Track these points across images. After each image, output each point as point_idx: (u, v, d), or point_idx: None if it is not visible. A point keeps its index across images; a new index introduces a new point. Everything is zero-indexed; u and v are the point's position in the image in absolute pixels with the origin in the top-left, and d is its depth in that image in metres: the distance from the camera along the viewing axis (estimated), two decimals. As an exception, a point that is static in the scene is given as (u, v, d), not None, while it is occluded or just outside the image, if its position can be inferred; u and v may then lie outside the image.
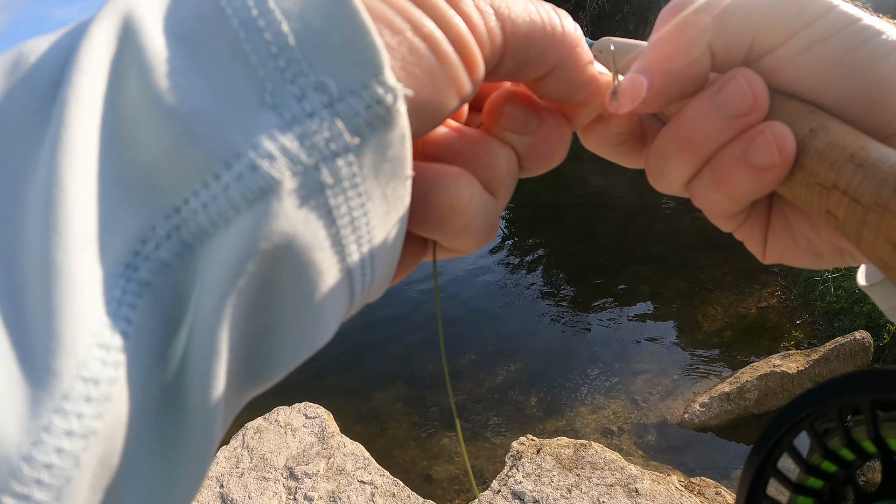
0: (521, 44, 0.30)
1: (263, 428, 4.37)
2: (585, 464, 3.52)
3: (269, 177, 0.21)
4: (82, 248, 0.19)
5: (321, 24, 0.22)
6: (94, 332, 0.19)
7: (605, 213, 10.15)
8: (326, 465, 3.88)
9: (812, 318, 5.51)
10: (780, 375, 4.26)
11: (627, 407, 4.65)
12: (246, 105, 0.21)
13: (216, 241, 0.21)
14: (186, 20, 0.22)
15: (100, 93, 0.21)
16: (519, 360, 5.59)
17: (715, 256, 7.28)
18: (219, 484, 3.88)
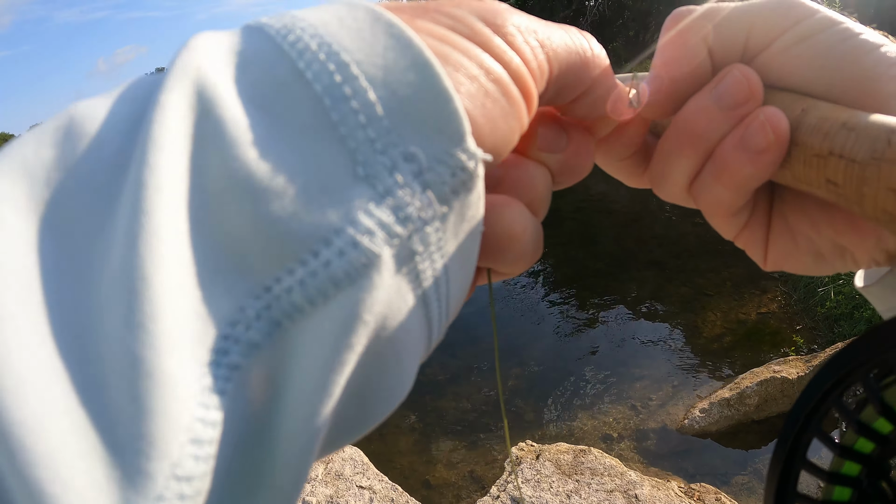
0: (563, 72, 0.31)
1: None
2: (585, 469, 3.51)
3: (371, 252, 0.20)
4: (172, 345, 0.18)
5: (407, 91, 0.22)
6: (186, 428, 0.18)
7: (605, 218, 10.15)
8: (325, 470, 3.86)
9: (812, 324, 5.50)
10: (780, 381, 4.25)
11: (627, 413, 4.64)
12: (340, 178, 0.21)
13: (313, 318, 0.20)
14: (260, 85, 0.22)
15: (182, 174, 0.20)
16: (518, 365, 5.58)
17: (715, 262, 7.27)
18: None
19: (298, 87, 0.21)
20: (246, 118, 0.20)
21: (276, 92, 0.21)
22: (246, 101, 0.21)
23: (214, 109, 0.20)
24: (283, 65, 0.22)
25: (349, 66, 0.21)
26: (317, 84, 0.21)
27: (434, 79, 0.22)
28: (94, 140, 0.20)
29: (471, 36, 0.26)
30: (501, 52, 0.27)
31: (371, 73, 0.22)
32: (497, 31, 0.27)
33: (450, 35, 0.26)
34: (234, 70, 0.22)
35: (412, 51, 0.22)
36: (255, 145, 0.20)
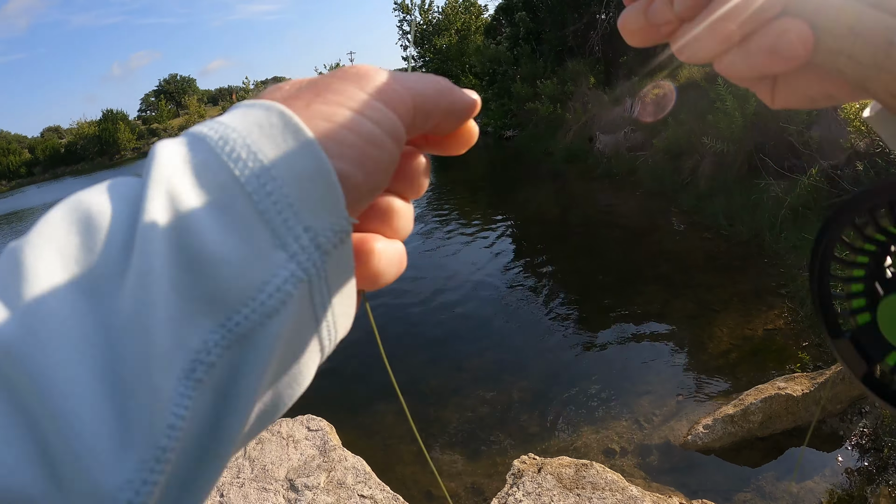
0: (425, 109, 0.41)
1: (265, 439, 4.41)
2: (586, 484, 3.50)
3: (288, 292, 0.32)
4: (164, 366, 0.29)
5: (307, 184, 0.33)
6: (167, 417, 0.28)
7: (612, 231, 10.13)
8: (327, 478, 3.87)
9: (818, 341, 5.46)
10: (785, 398, 4.23)
11: (630, 427, 4.63)
12: (265, 248, 0.32)
13: (253, 341, 0.31)
14: (210, 189, 0.32)
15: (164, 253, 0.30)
16: (523, 378, 5.58)
17: (722, 277, 7.26)
18: (219, 493, 3.91)
19: (235, 189, 0.32)
20: (203, 213, 0.31)
21: (220, 192, 0.32)
22: (201, 201, 0.32)
23: (182, 209, 0.31)
24: (223, 172, 0.32)
25: (269, 169, 0.32)
26: (248, 186, 0.32)
27: (325, 171, 0.33)
28: (107, 233, 0.32)
29: (354, 106, 0.37)
30: (378, 113, 0.37)
31: (283, 173, 0.33)
32: (374, 93, 0.38)
33: (338, 113, 0.36)
34: (191, 178, 0.32)
35: (311, 149, 0.33)
36: (212, 231, 0.31)
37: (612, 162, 15.06)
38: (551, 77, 23.36)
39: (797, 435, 4.31)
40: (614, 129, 16.28)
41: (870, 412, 4.39)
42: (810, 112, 9.11)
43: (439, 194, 16.01)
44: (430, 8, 51.58)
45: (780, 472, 4.03)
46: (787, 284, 6.65)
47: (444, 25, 48.51)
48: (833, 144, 8.62)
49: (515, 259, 9.34)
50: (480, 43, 32.97)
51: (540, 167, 18.42)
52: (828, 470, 4.03)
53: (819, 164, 8.39)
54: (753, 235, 8.51)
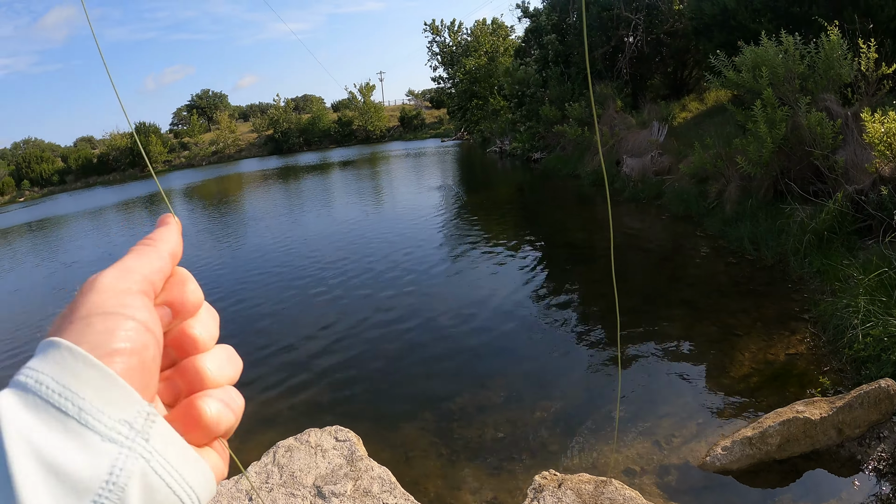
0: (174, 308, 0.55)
1: (294, 447, 4.54)
2: (605, 500, 3.61)
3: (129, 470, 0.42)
4: None
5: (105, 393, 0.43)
6: None
7: (638, 255, 10.20)
8: (353, 487, 4.02)
9: (840, 366, 5.52)
10: (803, 421, 4.30)
11: (651, 448, 4.72)
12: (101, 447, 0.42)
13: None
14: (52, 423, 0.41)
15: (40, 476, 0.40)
16: (545, 397, 5.69)
17: (746, 302, 7.32)
18: (248, 497, 4.05)
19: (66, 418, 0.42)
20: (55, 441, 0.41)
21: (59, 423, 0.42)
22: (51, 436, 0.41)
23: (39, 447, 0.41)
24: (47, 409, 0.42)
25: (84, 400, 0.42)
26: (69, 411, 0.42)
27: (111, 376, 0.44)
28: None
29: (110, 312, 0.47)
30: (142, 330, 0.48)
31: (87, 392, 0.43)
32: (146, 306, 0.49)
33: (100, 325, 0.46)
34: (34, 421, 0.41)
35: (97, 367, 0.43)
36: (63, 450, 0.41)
37: (639, 185, 15.15)
38: (579, 100, 23.47)
39: (815, 459, 4.36)
40: (641, 153, 16.35)
41: (888, 437, 4.44)
42: (836, 136, 9.15)
43: (468, 215, 16.18)
44: (460, 29, 52.13)
45: (797, 495, 4.08)
46: (810, 309, 6.70)
47: (473, 47, 48.90)
48: (858, 169, 8.65)
49: (540, 281, 9.45)
50: (509, 65, 33.04)
51: (567, 190, 18.52)
52: (844, 493, 4.07)
53: (844, 189, 8.43)
54: (778, 260, 8.56)
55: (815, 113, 9.42)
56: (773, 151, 9.90)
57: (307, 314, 9.11)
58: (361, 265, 11.61)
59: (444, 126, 65.71)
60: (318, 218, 18.57)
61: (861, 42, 10.00)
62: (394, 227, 15.48)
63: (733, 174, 11.17)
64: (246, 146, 74.73)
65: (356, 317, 8.60)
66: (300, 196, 25.45)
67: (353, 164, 41.02)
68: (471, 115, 46.27)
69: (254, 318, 9.17)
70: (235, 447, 5.32)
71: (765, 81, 10.59)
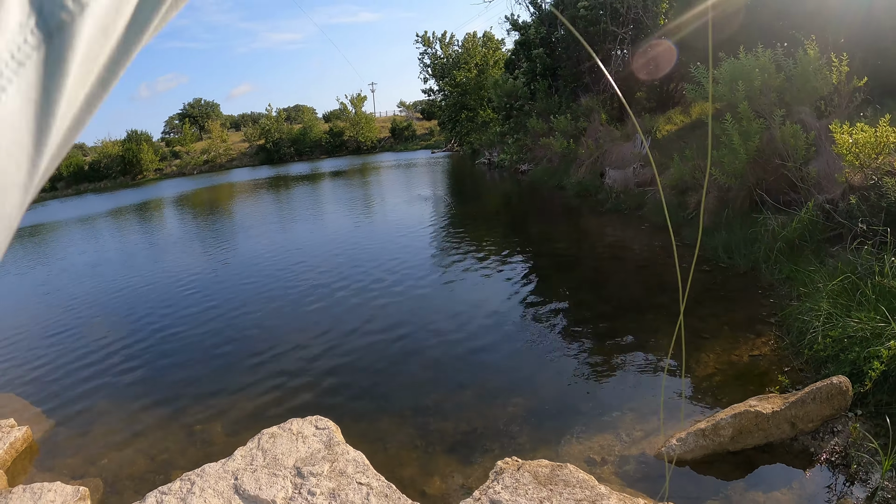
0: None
1: (277, 434, 4.89)
2: (559, 481, 3.84)
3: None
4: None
5: None
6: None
7: (616, 264, 10.46)
8: (330, 468, 4.31)
9: (800, 366, 5.75)
10: (755, 415, 4.52)
11: (612, 441, 4.94)
12: None
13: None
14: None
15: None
16: (519, 395, 5.91)
17: (716, 307, 7.56)
18: (234, 477, 4.36)
19: None
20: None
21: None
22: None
23: None
24: None
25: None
26: None
27: None
28: None
29: None
30: None
31: None
32: None
33: None
34: None
35: None
36: None
37: (622, 197, 15.44)
38: (565, 113, 23.79)
39: (769, 451, 4.59)
40: (624, 165, 16.64)
41: (841, 431, 4.66)
42: (809, 148, 9.43)
43: (457, 226, 16.43)
44: (451, 42, 52.54)
45: (750, 484, 4.30)
46: (776, 313, 6.95)
47: (463, 59, 49.28)
48: (829, 179, 8.93)
49: (522, 289, 9.67)
50: (498, 77, 33.38)
51: (553, 201, 18.79)
52: (796, 483, 4.29)
53: (815, 199, 8.70)
54: (751, 268, 8.82)
55: (789, 125, 9.69)
56: (747, 163, 10.18)
57: (297, 321, 9.30)
58: (351, 273, 11.83)
59: (435, 137, 66.02)
60: (309, 228, 18.78)
61: (833, 56, 10.32)
62: (383, 236, 15.73)
63: (711, 185, 11.45)
64: (237, 155, 74.64)
65: (344, 323, 8.83)
66: (291, 206, 25.61)
67: (345, 174, 41.22)
68: (461, 126, 46.58)
69: (246, 325, 9.35)
70: (226, 436, 5.57)
71: (741, 94, 10.89)
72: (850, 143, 7.79)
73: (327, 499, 4.02)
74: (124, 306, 11.44)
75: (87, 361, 8.45)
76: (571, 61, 25.28)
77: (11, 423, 6.12)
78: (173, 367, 7.83)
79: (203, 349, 8.38)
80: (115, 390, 7.29)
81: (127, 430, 6.18)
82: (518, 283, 9.95)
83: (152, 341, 9.00)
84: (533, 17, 29.24)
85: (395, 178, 34.50)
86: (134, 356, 8.43)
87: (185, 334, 9.13)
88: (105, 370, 8.00)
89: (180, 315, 10.24)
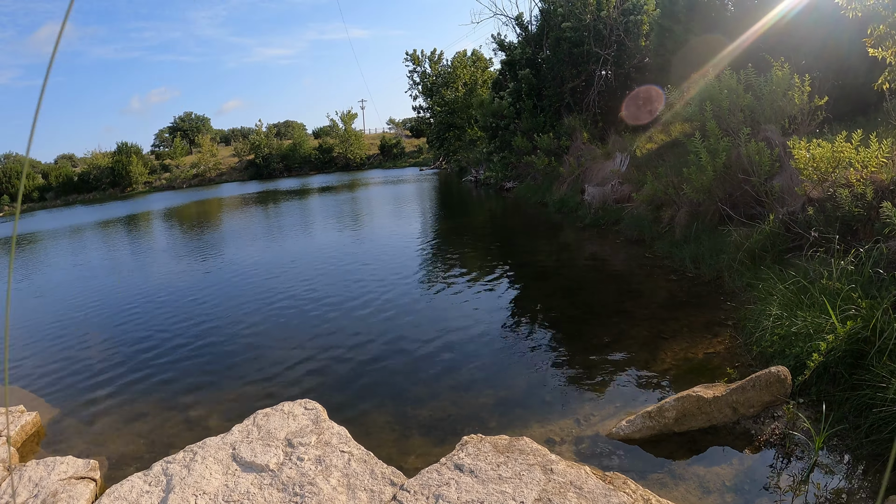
0: None
1: (271, 414, 5.50)
2: (515, 450, 4.36)
3: None
4: None
5: None
6: None
7: (590, 274, 10.97)
8: (317, 439, 4.90)
9: (749, 361, 6.24)
10: (696, 398, 5.00)
11: (571, 424, 5.44)
12: None
13: None
14: None
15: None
16: (491, 387, 6.42)
17: (678, 311, 8.08)
18: (232, 447, 4.95)
19: None
20: None
21: None
22: None
23: None
24: None
25: None
26: None
27: None
28: None
29: None
30: None
31: None
32: None
33: None
34: None
35: None
36: None
37: (600, 213, 16.00)
38: (549, 132, 24.39)
39: (712, 433, 5.07)
40: (603, 182, 17.21)
41: (781, 417, 5.13)
42: (773, 164, 9.99)
43: (443, 239, 16.95)
44: (440, 60, 53.31)
45: (693, 461, 4.77)
46: (734, 317, 7.46)
47: (451, 78, 50.02)
48: (791, 193, 9.47)
49: (503, 296, 10.17)
50: (485, 97, 34.01)
51: (536, 216, 19.33)
52: (736, 460, 4.75)
53: (776, 211, 9.23)
54: (715, 277, 9.35)
55: (754, 143, 10.25)
56: (715, 179, 10.74)
57: (287, 324, 9.73)
58: (340, 281, 12.34)
59: (424, 155, 66.79)
60: (299, 240, 19.17)
61: (796, 78, 10.94)
62: (371, 248, 16.22)
63: (683, 201, 12.01)
64: (227, 170, 75.18)
65: (331, 324, 9.32)
66: (279, 220, 26.02)
67: (334, 189, 41.75)
68: (448, 144, 47.19)
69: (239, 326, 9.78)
70: (221, 423, 6.02)
71: (709, 114, 11.49)
72: (808, 157, 8.33)
73: (314, 463, 4.56)
74: (120, 309, 11.93)
75: (86, 357, 8.94)
76: (556, 81, 25.95)
77: (21, 409, 6.61)
78: (168, 364, 8.30)
79: (197, 347, 8.86)
80: (114, 383, 7.76)
81: (128, 417, 6.66)
82: (499, 291, 10.45)
83: (148, 340, 9.46)
84: (519, 37, 29.97)
85: (384, 194, 35.00)
86: (131, 354, 8.90)
87: (180, 334, 9.59)
88: (104, 366, 8.47)
89: (174, 317, 10.72)
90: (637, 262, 11.29)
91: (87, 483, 4.89)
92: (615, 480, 4.14)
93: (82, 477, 4.98)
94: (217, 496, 4.34)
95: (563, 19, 25.13)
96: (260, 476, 4.52)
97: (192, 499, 4.32)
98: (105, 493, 4.57)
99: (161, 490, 4.50)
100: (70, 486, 4.79)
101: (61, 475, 4.98)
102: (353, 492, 4.22)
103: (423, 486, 4.16)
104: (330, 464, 4.53)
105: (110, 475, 5.38)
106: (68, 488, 4.76)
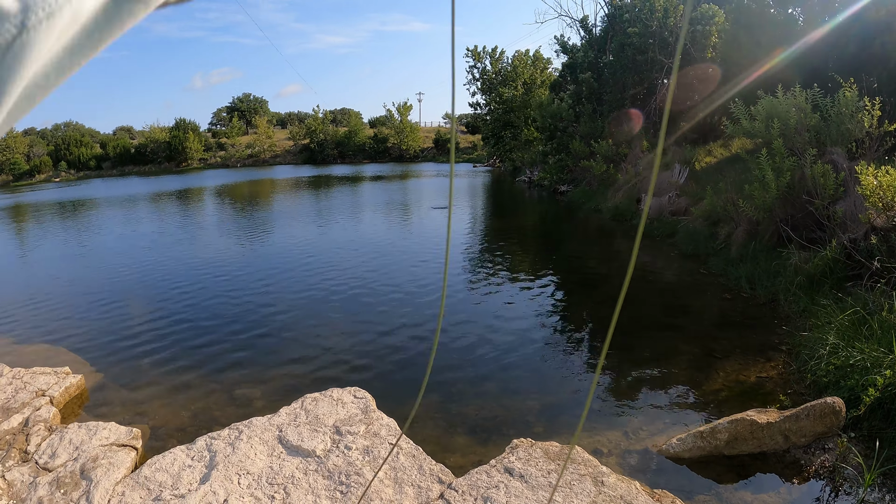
0: None
1: (319, 399, 5.57)
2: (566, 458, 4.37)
3: None
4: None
5: None
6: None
7: (642, 285, 10.88)
8: (366, 429, 4.96)
9: (802, 390, 6.16)
10: (750, 423, 4.97)
11: (620, 437, 5.43)
12: None
13: None
14: None
15: None
16: (538, 392, 6.45)
17: (731, 332, 7.99)
18: (278, 430, 5.04)
19: None
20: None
21: None
22: None
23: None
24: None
25: None
26: None
27: None
28: None
29: None
30: None
31: None
32: None
33: None
34: None
35: None
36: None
37: (655, 224, 15.84)
38: (608, 137, 24.19)
39: (762, 459, 5.03)
40: (660, 193, 17.03)
41: (832, 449, 5.08)
42: (838, 188, 9.80)
43: (493, 239, 16.97)
44: (500, 58, 53.07)
45: (740, 486, 4.74)
46: (788, 342, 7.36)
47: (511, 76, 49.77)
48: (854, 219, 9.28)
49: (550, 300, 10.17)
50: (544, 97, 33.77)
51: (588, 222, 19.21)
52: (784, 489, 4.72)
53: (839, 237, 9.06)
54: (770, 299, 9.21)
55: (820, 165, 10.06)
56: (777, 198, 10.57)
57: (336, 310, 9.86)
58: (391, 272, 12.48)
59: (478, 152, 66.63)
60: (345, 229, 19.34)
61: (867, 100, 10.70)
62: (422, 241, 16.36)
63: (742, 218, 11.84)
64: (281, 153, 76.01)
65: (382, 316, 9.44)
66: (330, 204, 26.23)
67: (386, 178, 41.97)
68: (504, 143, 47.03)
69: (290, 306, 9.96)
70: (264, 402, 6.16)
71: (776, 132, 11.30)
72: (875, 185, 8.16)
73: (362, 454, 4.65)
74: (170, 281, 12.31)
75: (134, 325, 9.25)
76: (618, 87, 25.72)
77: (67, 371, 6.85)
78: (215, 339, 8.52)
79: (244, 325, 9.08)
80: (159, 353, 8.02)
81: (172, 389, 6.86)
82: (546, 295, 10.45)
83: (195, 314, 9.76)
84: (583, 40, 29.78)
85: (437, 187, 35.05)
86: (178, 326, 9.20)
87: (228, 311, 9.84)
88: (150, 336, 8.76)
89: (223, 294, 11.00)
90: (690, 278, 11.18)
91: (129, 451, 5.04)
92: (664, 499, 4.16)
93: (124, 444, 5.14)
94: (261, 477, 4.44)
95: (629, 24, 24.87)
96: (305, 461, 4.62)
97: (235, 478, 4.43)
98: (146, 464, 4.71)
99: (204, 466, 4.62)
100: (111, 453, 4.94)
101: (103, 441, 5.14)
102: (401, 486, 4.29)
103: (472, 486, 4.23)
104: (378, 455, 4.62)
105: (151, 445, 5.55)
106: (109, 455, 4.91)
